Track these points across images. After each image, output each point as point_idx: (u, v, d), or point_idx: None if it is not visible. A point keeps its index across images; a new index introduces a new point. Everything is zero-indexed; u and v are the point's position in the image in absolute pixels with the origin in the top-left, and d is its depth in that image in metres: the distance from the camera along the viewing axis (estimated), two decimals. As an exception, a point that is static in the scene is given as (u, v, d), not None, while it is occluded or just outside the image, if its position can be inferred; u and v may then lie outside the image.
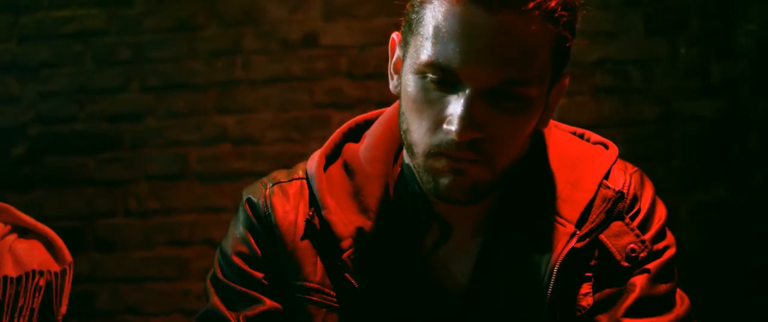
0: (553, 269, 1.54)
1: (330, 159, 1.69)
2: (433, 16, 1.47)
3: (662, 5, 3.68)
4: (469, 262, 1.62)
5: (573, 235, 1.56)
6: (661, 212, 1.65)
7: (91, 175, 3.97)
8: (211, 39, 3.93)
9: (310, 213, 1.63)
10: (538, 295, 1.54)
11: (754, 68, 3.60)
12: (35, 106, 4.00)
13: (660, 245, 1.63)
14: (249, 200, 1.69)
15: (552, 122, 1.69)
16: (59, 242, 2.05)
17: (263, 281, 1.65)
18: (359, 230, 1.59)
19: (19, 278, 1.93)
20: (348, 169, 1.66)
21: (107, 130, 3.96)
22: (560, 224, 1.57)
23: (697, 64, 3.65)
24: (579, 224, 1.57)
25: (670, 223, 1.67)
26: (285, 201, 1.66)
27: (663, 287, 1.60)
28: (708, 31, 3.64)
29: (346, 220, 1.60)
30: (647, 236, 1.61)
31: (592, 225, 1.58)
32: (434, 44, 1.46)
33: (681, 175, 3.61)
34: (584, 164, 1.63)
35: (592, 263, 1.58)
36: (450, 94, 1.46)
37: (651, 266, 1.60)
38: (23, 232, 2.04)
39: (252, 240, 1.67)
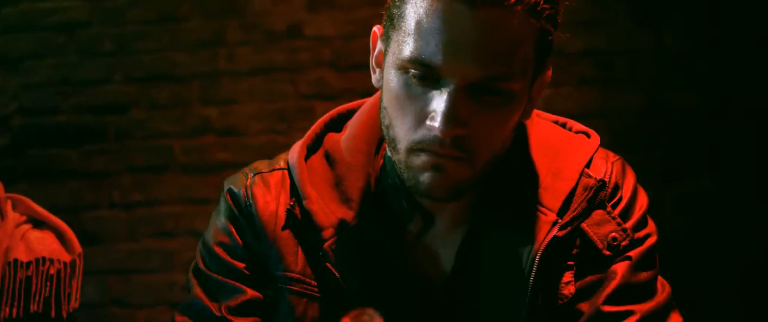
0: (535, 257, 1.54)
1: (311, 149, 1.68)
2: (415, 11, 1.46)
3: (647, -5, 3.69)
4: (451, 251, 1.62)
5: (555, 223, 1.56)
6: (642, 200, 1.65)
7: (75, 167, 3.96)
8: (194, 30, 3.92)
9: (291, 203, 1.63)
10: (520, 283, 1.54)
11: (740, 59, 3.61)
12: (18, 97, 3.99)
13: (641, 233, 1.62)
14: (230, 191, 1.69)
15: (534, 111, 1.68)
16: (70, 233, 2.14)
17: (245, 271, 1.65)
18: (340, 220, 1.59)
19: (29, 263, 2.02)
20: (329, 159, 1.65)
21: (91, 122, 3.96)
22: (542, 212, 1.57)
23: (682, 54, 3.66)
24: (561, 213, 1.57)
25: (653, 214, 1.67)
26: (266, 191, 1.66)
27: (644, 275, 1.60)
28: (694, 22, 3.65)
29: (327, 210, 1.60)
30: (629, 224, 1.61)
31: (574, 213, 1.58)
32: (416, 40, 1.45)
33: (665, 166, 3.62)
34: (566, 153, 1.63)
35: (574, 251, 1.58)
36: (433, 90, 1.46)
37: (632, 253, 1.60)
38: (37, 223, 2.14)
39: (233, 230, 1.67)
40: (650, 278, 1.61)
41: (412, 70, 1.46)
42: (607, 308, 1.56)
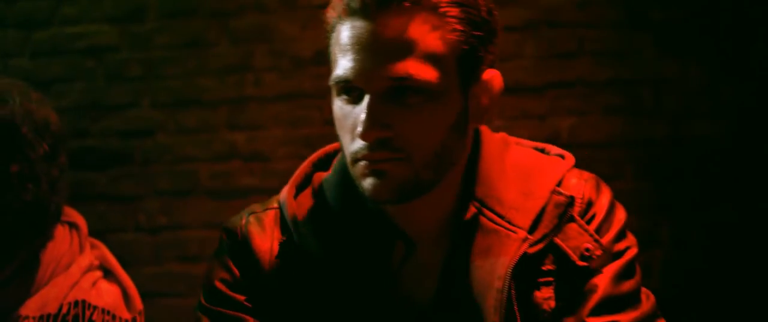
0: (507, 274, 1.59)
1: (300, 188, 1.79)
2: (335, 37, 1.60)
3: (673, 26, 3.67)
4: (434, 275, 1.68)
5: (525, 240, 1.62)
6: (620, 215, 1.70)
7: (102, 190, 3.99)
8: (222, 56, 3.95)
9: (284, 238, 1.72)
10: (497, 302, 1.60)
11: (765, 89, 3.59)
12: (47, 121, 4.01)
13: (621, 246, 1.68)
14: (226, 229, 1.79)
15: (514, 139, 1.78)
16: (133, 290, 2.19)
17: (246, 303, 1.73)
18: (329, 252, 1.67)
19: (95, 307, 2.07)
20: (316, 195, 1.75)
21: (118, 146, 3.99)
22: (512, 231, 1.63)
23: (707, 84, 3.63)
24: (531, 230, 1.63)
25: (679, 243, 1.68)
26: (261, 229, 1.75)
27: (626, 285, 1.65)
28: (719, 52, 3.63)
29: (316, 243, 1.68)
30: (607, 238, 1.66)
31: (545, 230, 1.64)
32: (335, 62, 1.59)
33: (690, 195, 3.59)
34: (537, 174, 1.70)
35: (551, 267, 1.64)
36: (358, 105, 1.56)
37: (613, 265, 1.65)
38: (108, 273, 2.20)
39: (232, 265, 1.75)
40: (633, 288, 1.66)
41: (341, 91, 1.59)
42: (592, 320, 1.61)
